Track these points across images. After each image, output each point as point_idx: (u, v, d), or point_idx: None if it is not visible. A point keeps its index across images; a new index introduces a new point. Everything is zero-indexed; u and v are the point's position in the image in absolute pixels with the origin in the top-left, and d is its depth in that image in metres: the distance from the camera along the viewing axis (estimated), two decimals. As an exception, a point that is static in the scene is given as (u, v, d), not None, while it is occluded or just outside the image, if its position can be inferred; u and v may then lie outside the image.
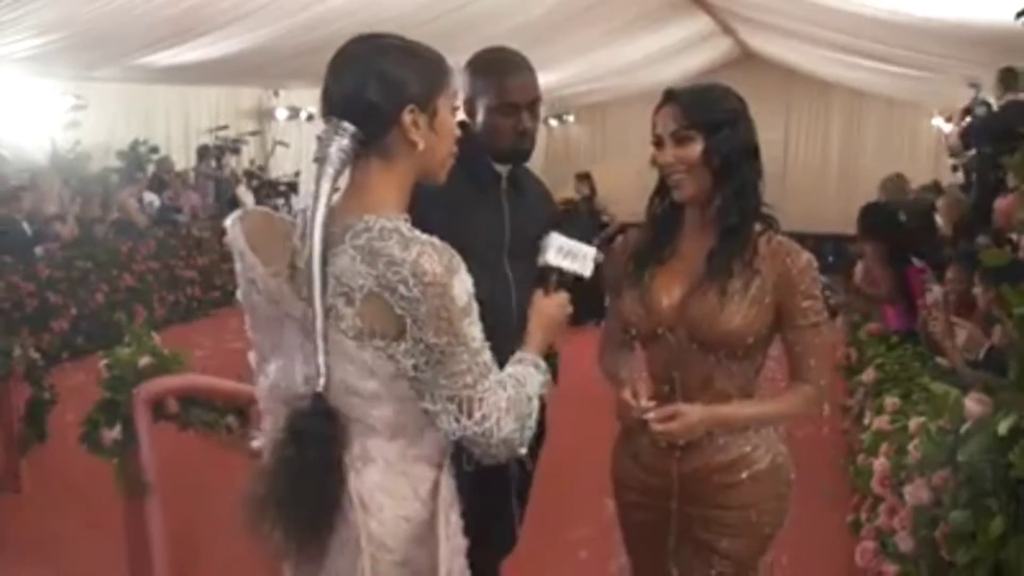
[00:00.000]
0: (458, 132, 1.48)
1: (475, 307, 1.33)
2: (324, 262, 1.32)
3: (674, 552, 1.84)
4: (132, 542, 2.80)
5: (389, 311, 1.29)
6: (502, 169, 2.12)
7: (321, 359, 1.33)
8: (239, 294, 1.46)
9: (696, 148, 1.69)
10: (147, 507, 2.74)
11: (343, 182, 1.40)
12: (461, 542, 1.49)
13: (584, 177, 8.80)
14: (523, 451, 1.42)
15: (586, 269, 1.68)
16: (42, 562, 3.41)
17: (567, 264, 1.66)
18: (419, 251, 1.28)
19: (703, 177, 1.71)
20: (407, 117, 1.36)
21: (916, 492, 2.05)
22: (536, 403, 1.43)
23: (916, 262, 4.63)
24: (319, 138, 1.37)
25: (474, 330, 1.33)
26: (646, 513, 1.87)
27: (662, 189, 1.80)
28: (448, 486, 1.45)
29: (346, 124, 1.35)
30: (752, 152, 1.74)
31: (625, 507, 1.93)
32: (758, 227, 1.74)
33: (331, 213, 1.35)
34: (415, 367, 1.32)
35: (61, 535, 3.60)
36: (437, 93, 1.40)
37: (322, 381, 1.33)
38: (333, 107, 1.37)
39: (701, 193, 1.73)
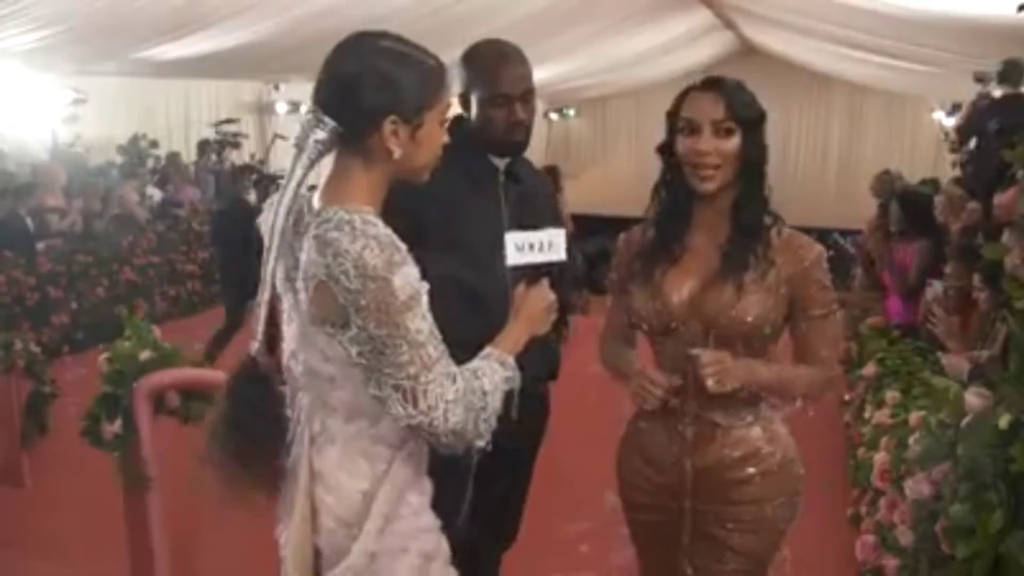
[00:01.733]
0: (445, 139, 1.49)
1: (423, 301, 1.36)
2: (284, 242, 1.40)
3: (688, 550, 1.83)
4: (133, 535, 2.80)
5: (334, 300, 1.34)
6: (499, 162, 2.11)
7: (261, 326, 1.42)
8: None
9: (735, 142, 1.70)
10: (148, 501, 2.75)
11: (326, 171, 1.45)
12: (429, 521, 1.52)
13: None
14: (481, 443, 1.43)
15: (557, 253, 1.61)
16: (44, 556, 3.41)
17: (533, 258, 1.60)
18: (363, 244, 1.31)
19: (733, 171, 1.71)
20: (387, 127, 1.39)
21: (916, 486, 2.05)
22: (495, 397, 1.43)
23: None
24: (301, 125, 1.42)
25: (419, 323, 1.35)
26: (658, 513, 1.85)
27: (667, 181, 1.78)
28: (406, 465, 1.47)
29: (327, 118, 1.39)
30: (767, 151, 1.76)
31: (634, 508, 1.91)
32: (767, 220, 1.76)
33: (310, 202, 1.42)
34: (359, 354, 1.36)
35: (62, 528, 3.60)
36: (427, 106, 1.42)
37: (256, 345, 1.42)
38: (320, 99, 1.41)
39: (725, 187, 1.73)
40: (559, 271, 1.64)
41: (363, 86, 1.37)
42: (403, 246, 1.35)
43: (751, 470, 1.77)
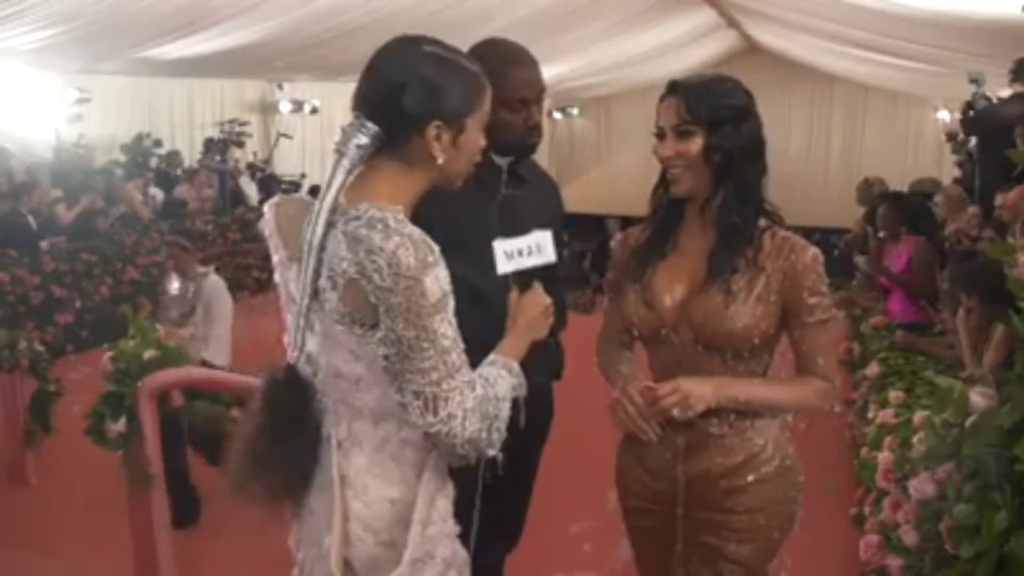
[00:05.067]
0: (483, 143, 1.48)
1: (450, 305, 1.34)
2: (322, 247, 1.36)
3: (682, 557, 1.81)
4: (136, 533, 2.81)
5: (366, 298, 1.32)
6: (502, 161, 2.10)
7: (299, 335, 1.40)
8: (275, 277, 1.52)
9: (696, 143, 1.65)
10: (151, 499, 2.75)
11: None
12: (451, 527, 1.51)
13: None
14: (492, 452, 1.41)
15: (546, 255, 1.60)
16: (48, 554, 3.42)
17: (524, 264, 1.59)
18: (398, 243, 1.29)
19: (702, 173, 1.67)
20: (431, 131, 1.38)
21: (920, 486, 2.04)
22: (506, 405, 1.43)
23: None
24: (343, 130, 1.40)
25: (445, 327, 1.34)
26: (652, 519, 1.84)
27: (665, 181, 1.75)
28: (436, 470, 1.46)
29: (370, 124, 1.38)
30: (756, 150, 1.69)
31: (631, 512, 1.89)
32: (762, 223, 1.70)
33: (335, 200, 1.39)
34: (386, 357, 1.34)
35: (66, 527, 3.61)
36: (469, 112, 1.42)
37: (295, 354, 1.40)
38: (362, 104, 1.40)
39: (699, 189, 1.69)
40: (549, 272, 1.63)
41: (408, 92, 1.36)
42: (436, 247, 1.33)
43: (745, 479, 1.73)
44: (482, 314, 1.58)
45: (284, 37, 7.57)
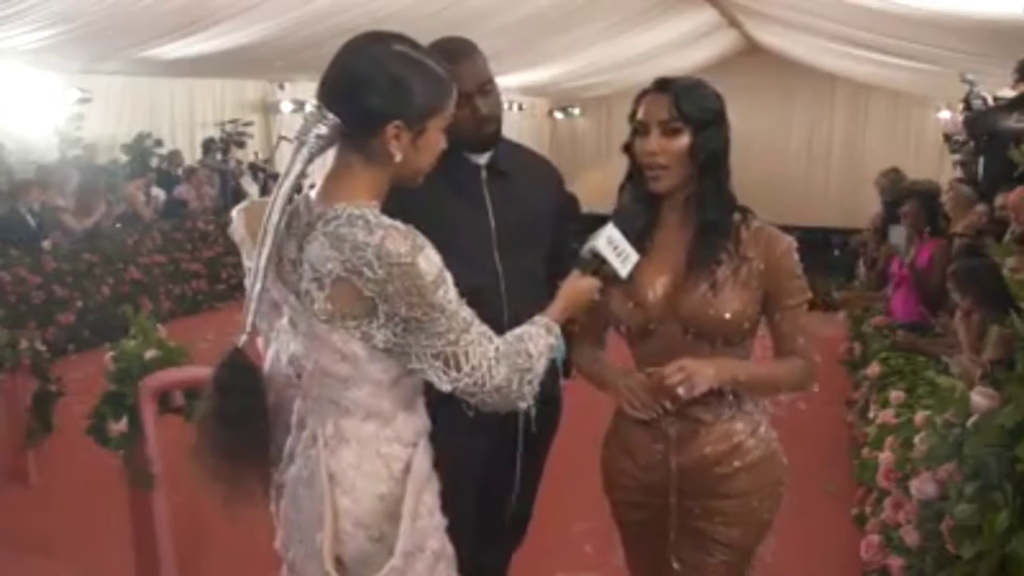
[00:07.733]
0: (443, 145, 1.50)
1: (447, 276, 1.38)
2: (300, 248, 1.39)
3: (675, 544, 1.85)
4: (138, 533, 2.81)
5: (358, 294, 1.34)
6: (480, 159, 2.08)
7: (249, 318, 1.40)
8: (246, 282, 1.50)
9: (683, 141, 1.71)
10: (153, 499, 2.76)
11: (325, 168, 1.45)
12: (439, 520, 1.53)
13: None
14: (523, 405, 1.47)
15: (624, 270, 1.72)
16: (49, 554, 3.42)
17: (611, 257, 1.70)
18: (383, 235, 1.33)
19: (684, 170, 1.73)
20: (390, 130, 1.40)
21: (921, 486, 2.05)
22: (541, 362, 1.49)
23: None
24: (304, 119, 1.43)
25: (448, 294, 1.38)
26: (645, 511, 1.87)
27: (632, 179, 1.80)
28: (421, 466, 1.48)
29: (330, 115, 1.40)
30: (728, 152, 1.77)
31: (621, 506, 1.92)
32: (736, 217, 1.78)
33: (309, 200, 1.42)
34: (394, 334, 1.37)
35: (68, 527, 3.61)
36: (430, 115, 1.44)
37: (244, 337, 1.42)
38: (326, 96, 1.42)
39: (679, 186, 1.75)
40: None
41: (372, 89, 1.38)
42: (418, 232, 1.36)
43: (735, 464, 1.78)
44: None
45: (284, 37, 7.58)
